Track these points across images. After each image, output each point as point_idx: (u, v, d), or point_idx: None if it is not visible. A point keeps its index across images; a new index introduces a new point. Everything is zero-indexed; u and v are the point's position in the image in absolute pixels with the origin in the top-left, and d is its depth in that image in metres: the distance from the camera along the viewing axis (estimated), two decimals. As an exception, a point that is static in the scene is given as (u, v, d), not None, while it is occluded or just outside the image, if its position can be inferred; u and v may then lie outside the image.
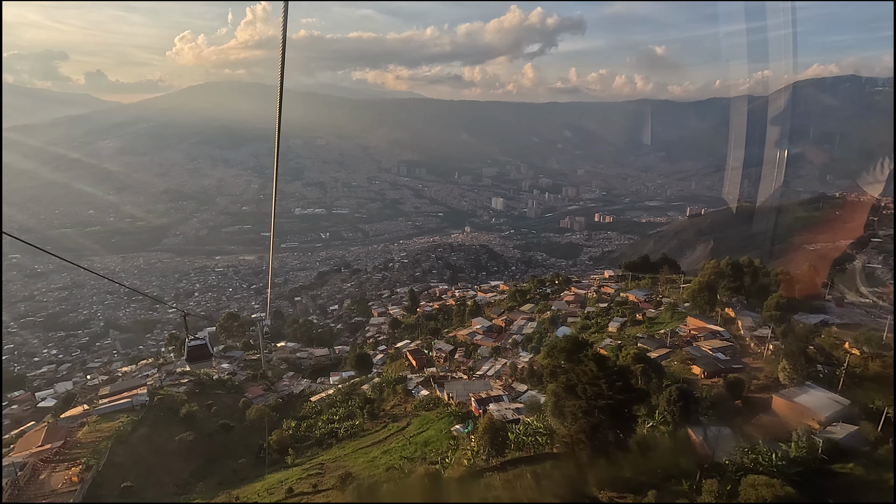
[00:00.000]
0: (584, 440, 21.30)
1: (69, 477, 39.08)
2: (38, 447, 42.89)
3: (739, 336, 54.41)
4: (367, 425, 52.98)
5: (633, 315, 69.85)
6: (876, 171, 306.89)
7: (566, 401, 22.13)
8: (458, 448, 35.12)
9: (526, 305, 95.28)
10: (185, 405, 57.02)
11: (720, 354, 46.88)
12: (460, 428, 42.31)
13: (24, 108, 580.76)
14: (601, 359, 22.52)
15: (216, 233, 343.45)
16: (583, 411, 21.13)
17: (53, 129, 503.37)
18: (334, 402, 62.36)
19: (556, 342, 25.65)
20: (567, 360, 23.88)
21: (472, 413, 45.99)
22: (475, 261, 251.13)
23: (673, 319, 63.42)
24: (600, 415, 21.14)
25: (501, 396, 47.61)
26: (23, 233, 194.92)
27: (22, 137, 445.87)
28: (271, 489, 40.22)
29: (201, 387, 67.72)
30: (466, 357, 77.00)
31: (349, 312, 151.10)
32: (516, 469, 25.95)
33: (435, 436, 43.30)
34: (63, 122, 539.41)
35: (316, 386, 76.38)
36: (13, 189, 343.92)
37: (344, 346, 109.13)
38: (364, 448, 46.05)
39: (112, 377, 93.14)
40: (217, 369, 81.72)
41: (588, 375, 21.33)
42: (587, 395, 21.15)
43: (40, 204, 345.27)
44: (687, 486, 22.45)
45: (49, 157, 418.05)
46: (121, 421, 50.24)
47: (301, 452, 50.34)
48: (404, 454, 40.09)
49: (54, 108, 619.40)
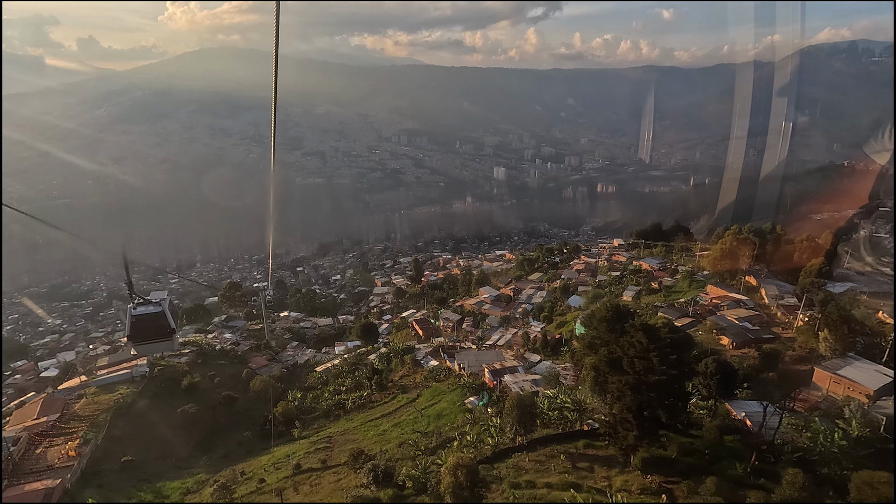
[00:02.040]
0: (631, 419, 18.89)
1: (66, 451, 37.32)
2: (33, 420, 41.14)
3: (764, 305, 51.97)
4: (376, 396, 51.23)
5: (647, 284, 67.34)
6: (883, 138, 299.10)
7: (609, 376, 19.66)
8: (476, 422, 33.01)
9: (534, 274, 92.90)
10: (187, 376, 55.21)
11: (747, 324, 44.48)
12: (475, 400, 40.31)
13: (15, 77, 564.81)
14: (651, 329, 19.91)
15: (215, 204, 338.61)
16: (630, 387, 18.66)
17: (47, 98, 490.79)
18: (340, 373, 60.65)
19: (596, 311, 22.96)
20: (609, 331, 21.26)
21: (487, 385, 43.98)
22: (477, 231, 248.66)
23: (691, 288, 60.97)
24: (649, 392, 18.68)
25: (516, 367, 45.52)
26: (21, 204, 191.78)
27: (15, 107, 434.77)
28: (278, 464, 38.56)
29: (203, 357, 65.98)
30: (475, 327, 75.10)
31: (352, 282, 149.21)
32: (546, 448, 23.74)
33: (448, 408, 41.39)
34: (57, 90, 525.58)
35: (321, 356, 74.75)
36: (10, 160, 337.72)
37: (348, 316, 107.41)
38: (373, 420, 44.29)
39: (114, 347, 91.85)
40: (219, 339, 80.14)
41: (636, 348, 18.78)
42: (635, 369, 18.63)
43: (37, 175, 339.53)
44: (741, 468, 20.20)
45: (44, 127, 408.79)
46: (120, 393, 48.46)
47: (308, 424, 48.77)
48: (416, 427, 38.18)
49: (47, 76, 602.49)
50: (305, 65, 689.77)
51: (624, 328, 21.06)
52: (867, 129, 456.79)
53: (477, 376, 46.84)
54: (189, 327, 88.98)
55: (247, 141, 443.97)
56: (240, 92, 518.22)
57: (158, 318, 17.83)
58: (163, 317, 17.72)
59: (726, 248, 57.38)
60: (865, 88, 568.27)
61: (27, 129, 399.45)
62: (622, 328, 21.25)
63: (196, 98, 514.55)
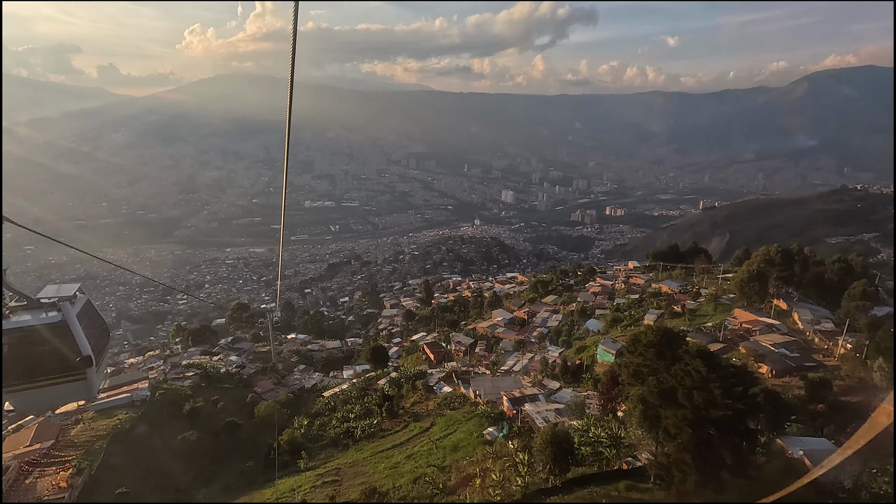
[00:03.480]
0: (688, 461, 16.37)
1: (58, 482, 34.92)
2: (25, 447, 38.86)
3: (798, 330, 48.99)
4: (387, 424, 48.42)
5: (669, 307, 64.50)
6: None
7: (661, 409, 17.24)
8: (498, 457, 30.29)
9: (549, 297, 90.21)
10: (190, 401, 52.85)
11: (785, 350, 41.59)
12: (494, 431, 37.54)
13: (37, 102, 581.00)
14: (708, 356, 17.55)
15: (226, 225, 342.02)
16: (688, 423, 16.23)
17: (66, 123, 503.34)
18: (349, 398, 57.84)
19: (641, 334, 20.59)
20: (657, 357, 18.89)
21: (506, 414, 41.19)
22: (486, 253, 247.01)
23: (717, 312, 58.09)
24: (710, 428, 16.23)
25: (537, 396, 42.77)
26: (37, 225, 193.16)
27: (35, 131, 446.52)
28: (282, 497, 35.87)
29: (208, 380, 63.69)
30: (488, 351, 72.25)
31: (360, 304, 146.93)
32: (584, 490, 21.10)
33: (465, 439, 38.52)
34: (75, 115, 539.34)
35: (329, 380, 72.08)
36: (27, 182, 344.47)
37: (356, 339, 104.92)
38: (384, 451, 41.45)
39: (118, 368, 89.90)
40: (225, 362, 77.86)
41: (694, 378, 16.40)
42: (693, 402, 16.23)
43: (54, 196, 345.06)
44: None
45: (62, 151, 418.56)
46: (118, 418, 46.15)
47: (314, 454, 45.97)
48: (432, 461, 35.37)
49: (67, 102, 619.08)
50: (317, 90, 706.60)
51: (675, 354, 18.67)
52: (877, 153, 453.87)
53: (494, 404, 44.11)
54: (195, 349, 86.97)
55: (258, 164, 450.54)
56: (252, 116, 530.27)
57: (57, 334, 10.17)
58: (65, 332, 10.21)
59: (754, 269, 54.68)
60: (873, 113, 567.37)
61: (46, 152, 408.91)
62: (673, 354, 18.85)
63: (210, 122, 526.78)
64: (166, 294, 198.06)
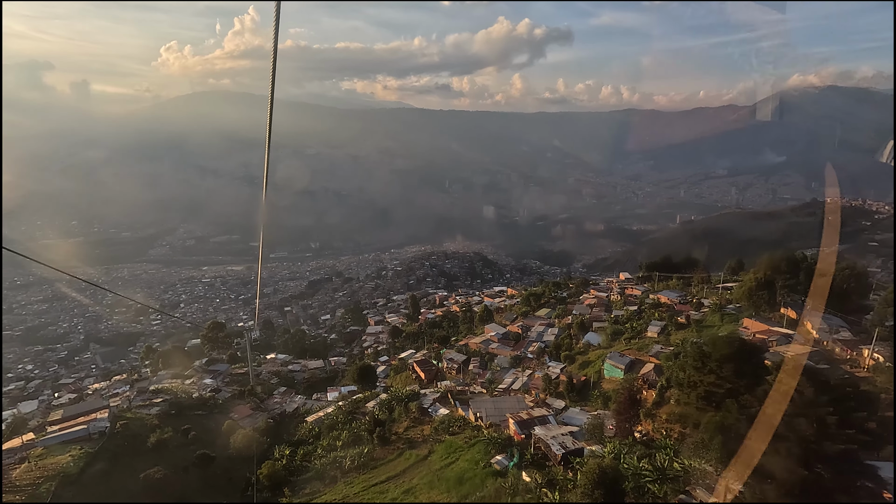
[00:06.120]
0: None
1: (-9, 536, 29.39)
2: (-46, 494, 33.05)
3: (814, 340, 46.44)
4: (379, 453, 43.68)
5: (672, 318, 61.72)
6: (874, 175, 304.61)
7: (749, 441, 13.65)
8: (516, 492, 26.23)
9: (542, 310, 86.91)
10: (156, 431, 47.33)
11: (809, 363, 38.69)
12: (503, 460, 33.47)
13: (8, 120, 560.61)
14: (814, 373, 14.13)
15: (204, 243, 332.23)
16: (794, 459, 12.69)
17: (38, 140, 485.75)
18: (335, 424, 52.80)
19: (710, 347, 16.99)
20: (737, 375, 15.38)
21: (513, 439, 37.15)
22: (470, 268, 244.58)
23: (724, 322, 55.42)
24: (820, 465, 12.71)
25: (546, 417, 38.84)
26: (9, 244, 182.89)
27: (5, 148, 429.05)
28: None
29: (178, 407, 57.91)
30: (483, 368, 68.26)
31: (343, 322, 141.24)
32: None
33: (470, 469, 34.32)
34: (48, 133, 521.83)
35: (312, 403, 66.88)
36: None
37: (340, 358, 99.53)
38: (378, 485, 36.86)
39: (81, 395, 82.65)
40: (198, 385, 71.88)
41: (797, 402, 12.91)
42: (798, 433, 12.71)
43: (21, 216, 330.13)
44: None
45: (33, 169, 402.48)
46: (71, 454, 40.43)
47: (298, 489, 41.01)
48: (435, 497, 31.07)
49: (39, 119, 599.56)
50: (297, 108, 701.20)
51: (757, 372, 15.18)
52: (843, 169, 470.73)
53: (499, 428, 40.05)
54: (165, 372, 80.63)
55: (237, 181, 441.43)
56: (230, 134, 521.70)
57: None
58: None
59: (761, 277, 52.34)
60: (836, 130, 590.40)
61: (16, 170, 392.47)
62: (755, 371, 15.36)
63: (186, 140, 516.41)
64: (139, 314, 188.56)
